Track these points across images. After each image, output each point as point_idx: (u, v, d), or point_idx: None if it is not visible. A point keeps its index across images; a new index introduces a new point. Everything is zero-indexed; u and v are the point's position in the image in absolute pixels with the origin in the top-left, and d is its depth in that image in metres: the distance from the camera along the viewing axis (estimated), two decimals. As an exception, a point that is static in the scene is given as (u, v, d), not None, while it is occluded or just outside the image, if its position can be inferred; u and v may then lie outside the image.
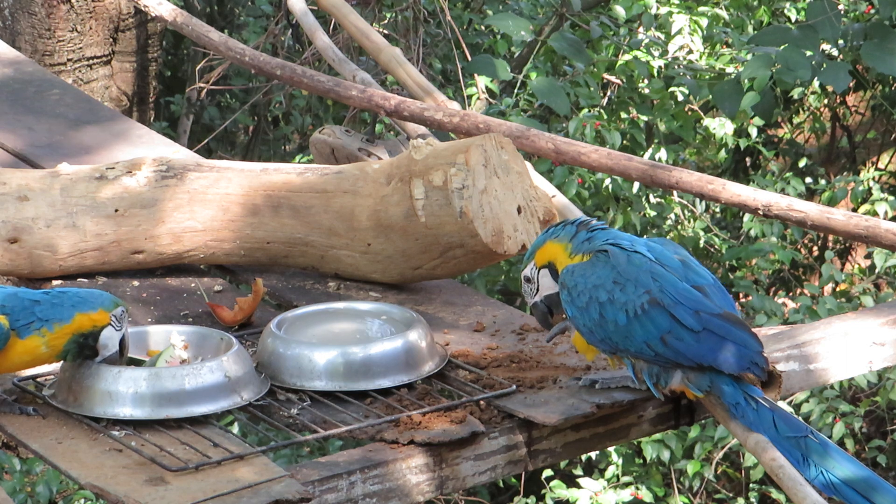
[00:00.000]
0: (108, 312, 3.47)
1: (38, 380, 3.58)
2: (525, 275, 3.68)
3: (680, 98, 9.54)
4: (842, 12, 8.74)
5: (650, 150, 9.32)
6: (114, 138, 5.25)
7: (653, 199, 9.46)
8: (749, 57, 8.72)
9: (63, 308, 3.45)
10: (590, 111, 9.03)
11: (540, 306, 3.68)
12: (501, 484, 8.92)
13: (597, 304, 3.50)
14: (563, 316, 3.67)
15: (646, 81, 9.51)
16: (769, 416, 3.44)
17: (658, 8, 9.90)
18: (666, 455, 8.40)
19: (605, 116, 9.10)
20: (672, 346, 3.45)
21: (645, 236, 3.65)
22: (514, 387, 3.59)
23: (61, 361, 3.51)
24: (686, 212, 9.67)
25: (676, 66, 9.60)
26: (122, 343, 3.51)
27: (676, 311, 3.45)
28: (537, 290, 3.67)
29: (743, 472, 8.86)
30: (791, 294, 9.97)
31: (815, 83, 9.98)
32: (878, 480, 3.40)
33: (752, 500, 8.83)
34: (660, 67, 9.52)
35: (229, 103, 11.23)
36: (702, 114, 9.75)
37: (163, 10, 5.98)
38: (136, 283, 4.23)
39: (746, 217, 9.23)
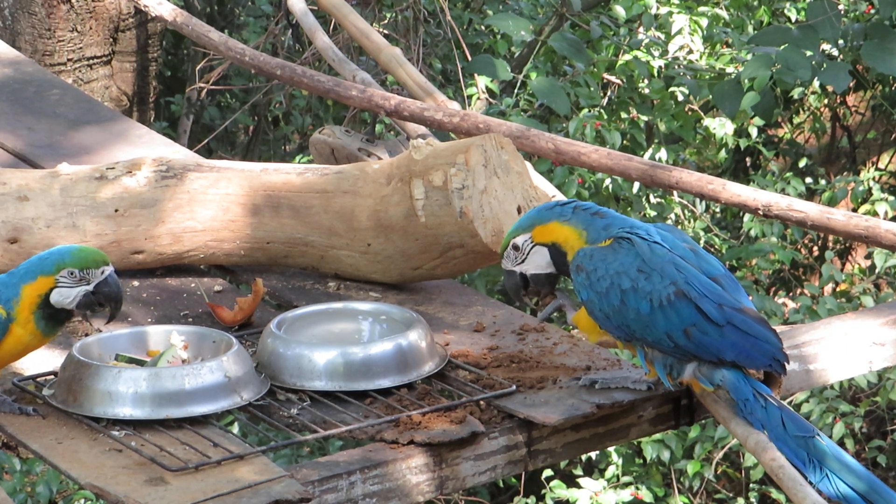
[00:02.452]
0: (48, 277, 3.42)
1: (38, 380, 3.58)
2: (515, 242, 3.60)
3: (680, 98, 9.54)
4: (842, 12, 8.74)
5: (650, 150, 9.32)
6: (114, 138, 5.25)
7: (653, 199, 9.46)
8: (749, 57, 8.72)
9: (14, 285, 3.43)
10: (590, 111, 9.03)
11: (515, 276, 3.63)
12: (501, 484, 8.92)
13: (618, 291, 3.48)
14: (547, 294, 3.64)
15: (646, 81, 9.51)
16: (777, 415, 3.44)
17: (658, 8, 9.90)
18: (666, 455, 8.40)
19: (605, 116, 9.10)
20: (695, 339, 3.43)
21: (638, 221, 3.62)
22: (514, 387, 3.59)
23: (62, 360, 3.51)
24: (686, 212, 9.67)
25: (676, 66, 9.60)
26: (91, 297, 3.45)
27: (702, 303, 3.44)
28: (522, 261, 3.61)
29: (743, 472, 8.86)
30: (791, 294, 9.97)
31: (815, 83, 9.98)
32: (882, 486, 3.39)
33: (752, 500, 8.84)
34: (660, 67, 9.52)
35: (229, 103, 11.22)
36: (702, 114, 9.75)
37: (163, 10, 5.98)
38: (136, 283, 4.23)
39: (746, 217, 9.23)
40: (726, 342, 3.44)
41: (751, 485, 8.81)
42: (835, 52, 8.85)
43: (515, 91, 8.91)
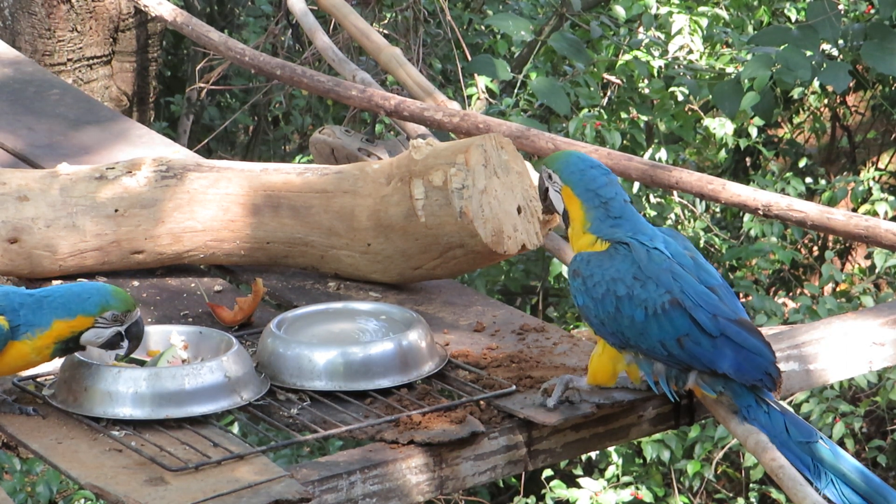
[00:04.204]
0: (89, 317, 3.42)
1: (38, 380, 3.58)
2: (550, 172, 3.61)
3: (680, 98, 9.54)
4: (842, 12, 8.73)
5: (650, 150, 9.33)
6: (114, 138, 5.25)
7: (653, 199, 9.46)
8: (749, 57, 8.72)
9: (43, 313, 3.41)
10: (590, 111, 9.03)
11: (543, 185, 3.65)
12: (501, 484, 8.92)
13: (614, 298, 3.47)
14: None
15: (646, 81, 9.51)
16: (781, 420, 3.43)
17: (658, 8, 9.90)
18: (666, 455, 8.40)
19: (605, 116, 9.10)
20: (688, 349, 3.42)
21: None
22: (514, 387, 3.59)
23: (61, 360, 3.52)
24: (686, 212, 9.67)
25: (676, 66, 9.60)
26: (120, 336, 3.47)
27: (696, 314, 3.42)
28: (550, 187, 3.63)
29: (743, 472, 8.86)
30: (791, 294, 9.97)
31: (815, 83, 9.98)
32: (887, 489, 3.39)
33: (752, 500, 8.84)
34: (660, 67, 9.52)
35: (229, 103, 11.23)
36: (702, 114, 9.75)
37: (163, 10, 5.98)
38: (136, 283, 4.23)
39: (746, 217, 9.23)
40: (719, 353, 3.43)
41: (751, 485, 8.81)
42: (835, 52, 8.85)
43: (515, 91, 8.91)
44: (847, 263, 10.58)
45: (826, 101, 11.27)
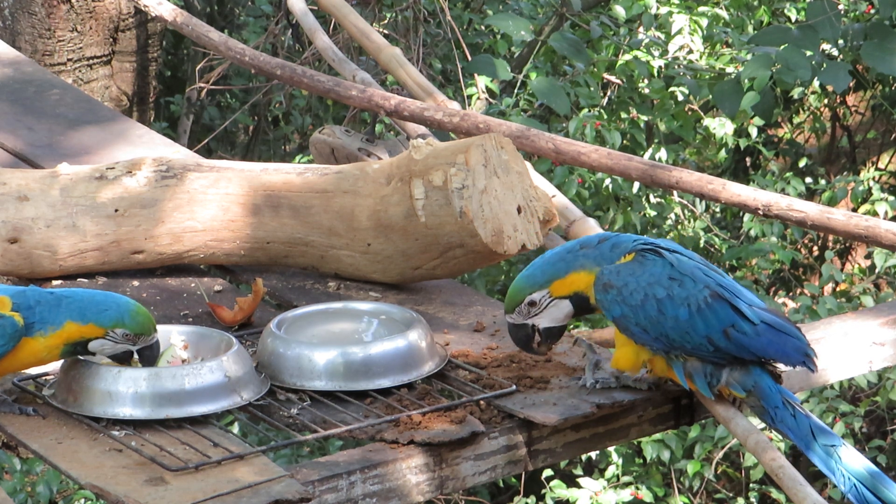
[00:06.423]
0: (100, 328, 3.43)
1: (38, 380, 3.58)
2: (531, 299, 3.56)
3: (680, 98, 9.54)
4: (842, 12, 8.74)
5: (650, 150, 9.33)
6: (114, 138, 5.24)
7: (653, 199, 9.46)
8: (749, 57, 8.72)
9: (59, 312, 3.43)
10: (590, 111, 9.03)
11: (527, 328, 3.60)
12: (501, 484, 8.92)
13: (654, 301, 3.45)
14: (555, 343, 3.63)
15: (646, 81, 9.51)
16: (806, 423, 3.43)
17: (658, 8, 9.90)
18: (666, 455, 8.40)
19: (605, 116, 9.10)
20: (735, 339, 3.43)
21: (645, 236, 3.62)
22: (514, 387, 3.59)
23: (61, 360, 3.52)
24: (686, 212, 9.67)
25: (676, 66, 9.60)
26: (130, 354, 3.48)
27: (738, 303, 3.44)
28: (537, 314, 3.58)
29: (743, 472, 8.86)
30: (791, 294, 9.97)
31: (815, 83, 9.98)
32: None
33: (752, 500, 8.84)
34: (660, 67, 9.52)
35: (229, 103, 11.23)
36: (702, 114, 9.75)
37: (163, 10, 5.98)
38: (136, 283, 4.23)
39: (746, 217, 9.24)
40: (763, 340, 3.43)
41: (751, 485, 8.81)
42: (835, 52, 8.85)
43: (515, 91, 8.92)
44: (847, 263, 10.58)
45: (826, 101, 11.27)
